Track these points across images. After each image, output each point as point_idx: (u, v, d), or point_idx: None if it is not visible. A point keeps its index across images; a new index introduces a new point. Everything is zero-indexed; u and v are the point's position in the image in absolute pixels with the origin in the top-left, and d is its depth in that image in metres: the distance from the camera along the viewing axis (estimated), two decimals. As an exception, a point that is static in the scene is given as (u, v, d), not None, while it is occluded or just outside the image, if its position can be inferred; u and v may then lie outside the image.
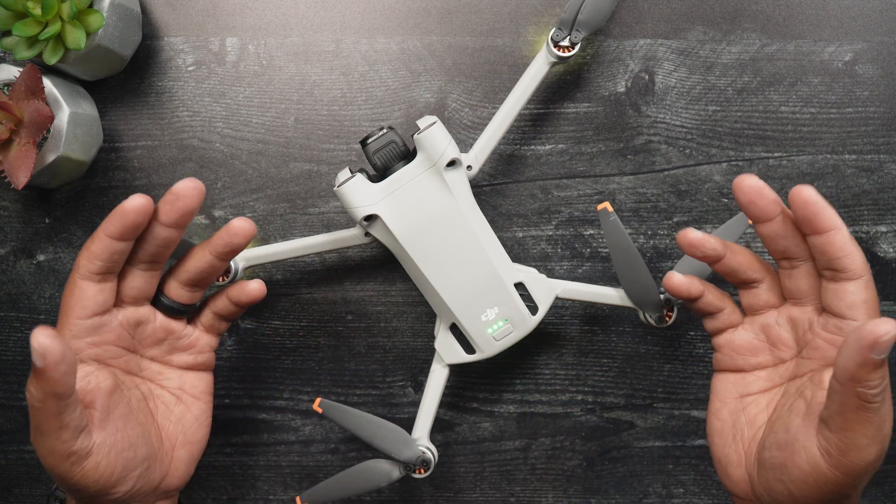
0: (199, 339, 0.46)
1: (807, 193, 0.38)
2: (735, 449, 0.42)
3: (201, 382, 0.46)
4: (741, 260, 0.42)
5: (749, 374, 0.43)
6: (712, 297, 0.43)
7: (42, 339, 0.34)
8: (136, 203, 0.39)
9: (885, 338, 0.33)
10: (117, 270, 0.41)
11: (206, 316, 0.46)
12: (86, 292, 0.40)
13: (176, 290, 0.44)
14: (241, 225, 0.42)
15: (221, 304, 0.46)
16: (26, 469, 0.55)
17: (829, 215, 0.38)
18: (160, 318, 0.44)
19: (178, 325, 0.45)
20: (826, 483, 0.37)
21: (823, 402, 0.38)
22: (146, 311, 0.43)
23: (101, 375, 0.41)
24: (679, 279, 0.43)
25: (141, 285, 0.42)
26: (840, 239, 0.38)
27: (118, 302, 0.42)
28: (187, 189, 0.40)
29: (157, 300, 0.44)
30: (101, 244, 0.40)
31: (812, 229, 0.38)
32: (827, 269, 0.39)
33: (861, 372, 0.34)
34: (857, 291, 0.38)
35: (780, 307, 0.42)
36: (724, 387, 0.43)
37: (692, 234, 0.41)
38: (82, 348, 0.41)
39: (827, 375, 0.39)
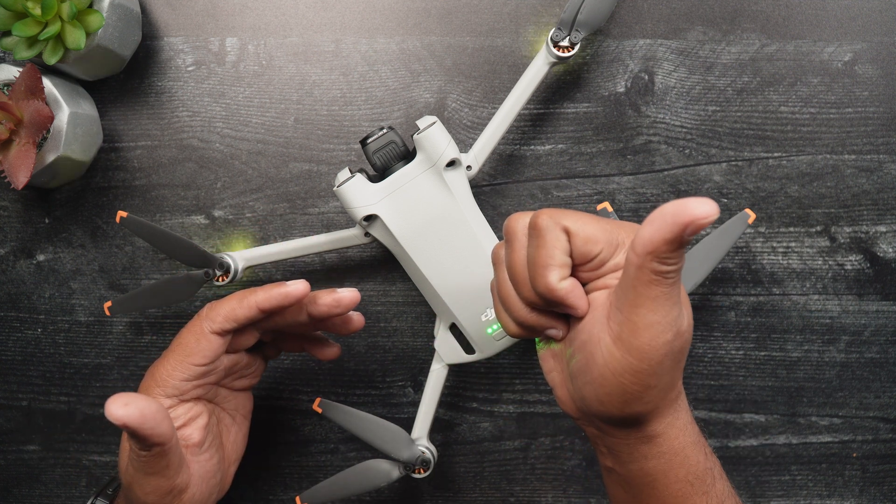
0: (260, 366, 0.48)
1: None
2: (558, 369, 0.39)
3: (249, 402, 0.48)
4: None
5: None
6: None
7: (117, 412, 0.37)
8: (300, 289, 0.42)
9: (702, 220, 0.30)
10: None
11: (272, 347, 0.48)
12: (212, 344, 0.43)
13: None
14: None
15: (291, 345, 0.48)
16: (26, 469, 0.55)
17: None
18: (246, 356, 0.46)
19: (245, 356, 0.47)
20: (622, 372, 0.34)
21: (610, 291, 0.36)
22: (243, 354, 0.46)
23: (198, 410, 0.44)
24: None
25: (251, 341, 0.45)
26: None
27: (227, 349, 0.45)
28: (349, 300, 0.43)
29: None
30: (249, 314, 0.42)
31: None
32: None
33: (664, 247, 0.31)
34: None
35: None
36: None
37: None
38: (188, 389, 0.43)
39: (610, 278, 0.37)
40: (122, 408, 0.36)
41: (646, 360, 0.34)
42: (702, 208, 0.30)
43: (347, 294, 0.43)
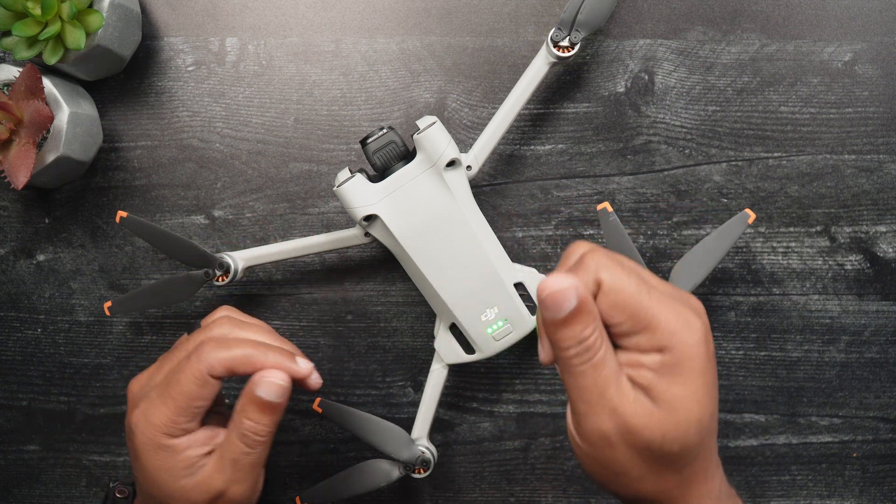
0: None
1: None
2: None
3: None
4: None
5: None
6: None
7: (283, 380, 0.39)
8: (305, 373, 0.41)
9: (543, 295, 0.31)
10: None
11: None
12: (214, 388, 0.40)
13: None
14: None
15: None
16: (26, 469, 0.55)
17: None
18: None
19: None
20: (580, 455, 0.35)
21: None
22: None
23: (208, 432, 0.43)
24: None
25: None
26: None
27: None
28: (315, 384, 0.42)
29: None
30: (250, 372, 0.40)
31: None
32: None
33: (549, 330, 0.32)
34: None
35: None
36: None
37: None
38: (193, 428, 0.41)
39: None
40: (286, 380, 0.39)
41: (592, 446, 0.35)
42: (546, 284, 0.32)
43: (314, 380, 0.42)
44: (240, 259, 0.50)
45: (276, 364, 0.40)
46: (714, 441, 0.37)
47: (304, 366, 0.41)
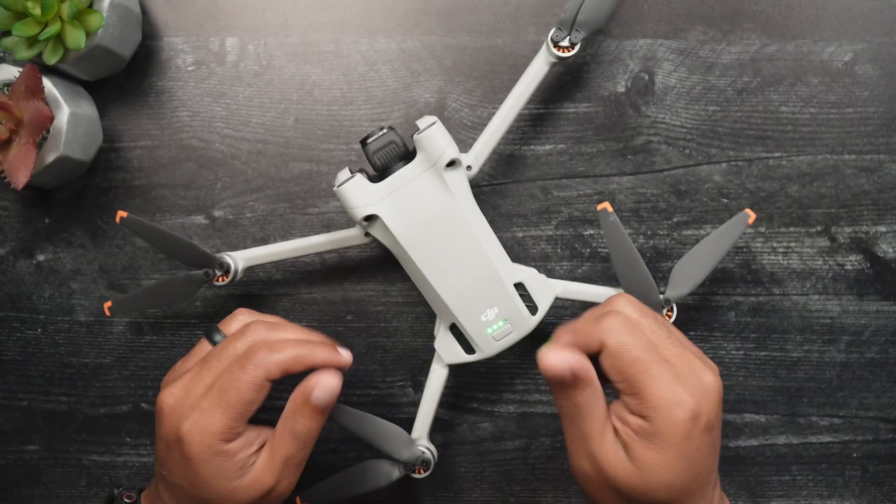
0: None
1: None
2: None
3: None
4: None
5: None
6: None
7: (338, 380, 0.41)
8: (349, 361, 0.43)
9: (540, 367, 0.37)
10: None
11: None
12: (268, 390, 0.41)
13: None
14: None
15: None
16: (26, 469, 0.55)
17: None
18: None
19: None
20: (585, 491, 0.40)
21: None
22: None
23: (257, 433, 0.43)
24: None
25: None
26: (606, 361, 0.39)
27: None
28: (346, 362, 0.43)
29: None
30: (301, 370, 0.42)
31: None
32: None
33: (548, 385, 0.36)
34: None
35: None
36: None
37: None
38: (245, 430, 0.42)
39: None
40: (338, 380, 0.41)
41: (582, 483, 0.40)
42: (546, 360, 0.38)
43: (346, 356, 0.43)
44: (240, 259, 0.50)
45: (325, 359, 0.42)
46: (701, 495, 0.39)
47: (346, 356, 0.43)
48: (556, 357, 0.38)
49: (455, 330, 0.49)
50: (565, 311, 0.53)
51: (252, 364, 0.40)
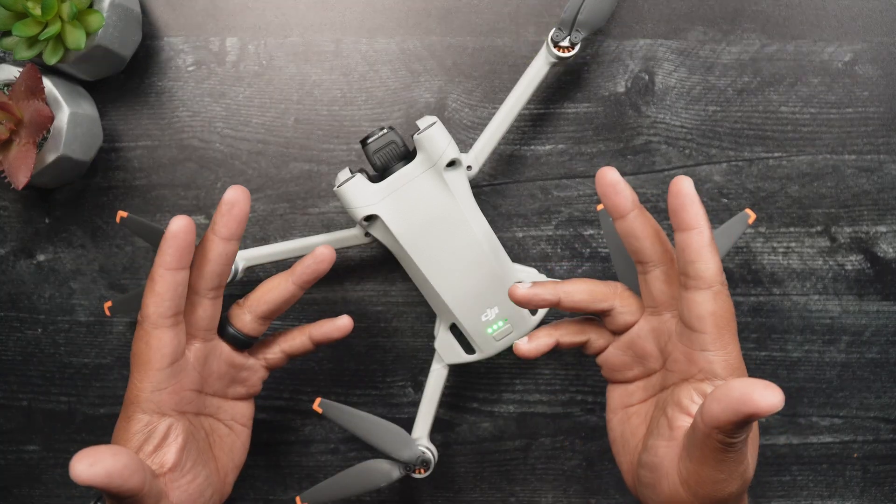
0: (258, 372, 0.46)
1: (681, 185, 0.37)
2: (625, 458, 0.42)
3: (248, 409, 0.46)
4: (579, 299, 0.42)
5: (630, 384, 0.43)
6: (568, 337, 0.43)
7: (83, 475, 0.33)
8: (181, 224, 0.39)
9: (766, 412, 0.31)
10: (183, 306, 0.41)
11: (275, 352, 0.46)
12: (162, 340, 0.40)
13: (247, 322, 0.44)
14: (325, 252, 0.43)
15: (298, 342, 0.46)
16: (26, 469, 0.55)
17: (694, 212, 0.37)
18: (225, 351, 0.44)
19: (240, 358, 0.45)
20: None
21: (683, 425, 0.38)
22: (214, 343, 0.43)
23: (178, 429, 0.41)
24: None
25: (211, 314, 0.42)
26: (697, 241, 0.37)
27: (187, 339, 0.42)
28: (238, 196, 0.40)
29: (224, 331, 0.44)
30: (164, 280, 0.39)
31: (676, 224, 0.37)
32: (682, 275, 0.38)
33: (730, 427, 0.32)
34: (704, 302, 0.37)
35: (641, 319, 0.42)
36: (612, 397, 0.44)
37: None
38: (164, 400, 0.40)
39: (685, 393, 0.38)
40: (87, 469, 0.34)
41: None
42: (767, 400, 0.30)
43: (231, 193, 0.40)
44: (240, 259, 0.50)
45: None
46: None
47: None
48: None
49: (455, 330, 0.49)
50: (565, 311, 0.53)
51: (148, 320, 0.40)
